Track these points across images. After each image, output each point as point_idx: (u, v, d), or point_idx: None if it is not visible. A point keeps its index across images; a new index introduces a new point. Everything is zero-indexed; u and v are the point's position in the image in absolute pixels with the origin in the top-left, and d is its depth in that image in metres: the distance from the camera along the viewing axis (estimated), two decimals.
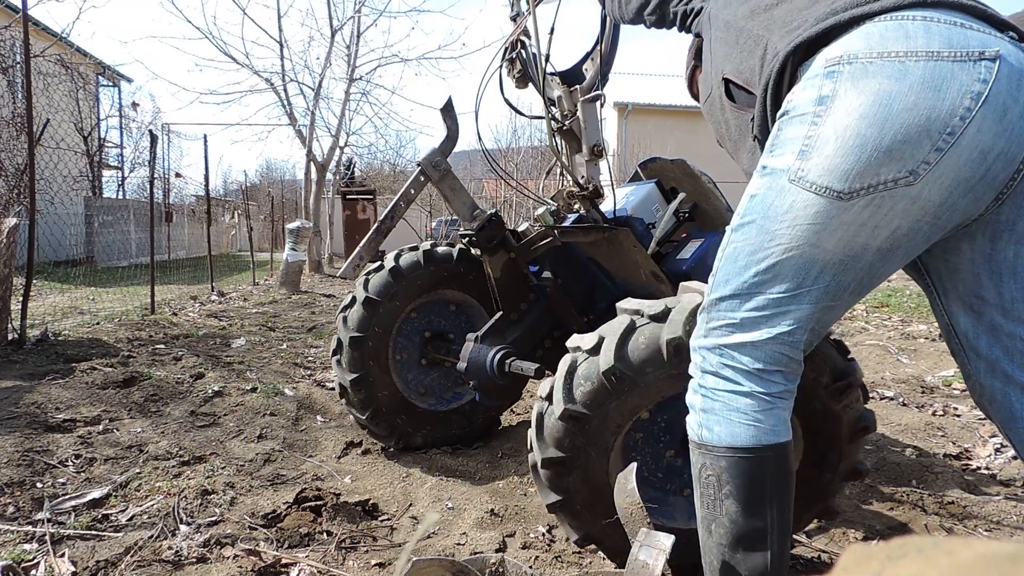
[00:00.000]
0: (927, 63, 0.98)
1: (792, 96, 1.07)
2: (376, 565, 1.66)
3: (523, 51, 2.41)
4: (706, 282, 1.63)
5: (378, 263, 2.44)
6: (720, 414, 1.14)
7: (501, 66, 2.41)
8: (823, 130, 1.02)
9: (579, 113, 2.25)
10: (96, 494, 2.01)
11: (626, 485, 1.24)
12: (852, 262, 1.05)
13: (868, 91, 1.00)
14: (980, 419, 2.87)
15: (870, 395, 3.26)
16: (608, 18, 2.21)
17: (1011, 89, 0.97)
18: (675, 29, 1.50)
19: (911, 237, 1.03)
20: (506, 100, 2.44)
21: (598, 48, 2.29)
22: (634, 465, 1.30)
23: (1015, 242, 1.04)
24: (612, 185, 2.32)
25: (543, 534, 1.82)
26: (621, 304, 1.54)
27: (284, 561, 1.66)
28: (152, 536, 1.76)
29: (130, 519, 1.88)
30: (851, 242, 1.04)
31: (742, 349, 1.12)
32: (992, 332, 1.11)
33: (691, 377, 1.19)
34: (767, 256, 1.08)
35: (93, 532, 1.79)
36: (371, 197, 15.14)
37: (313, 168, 12.95)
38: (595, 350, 1.46)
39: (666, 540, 1.05)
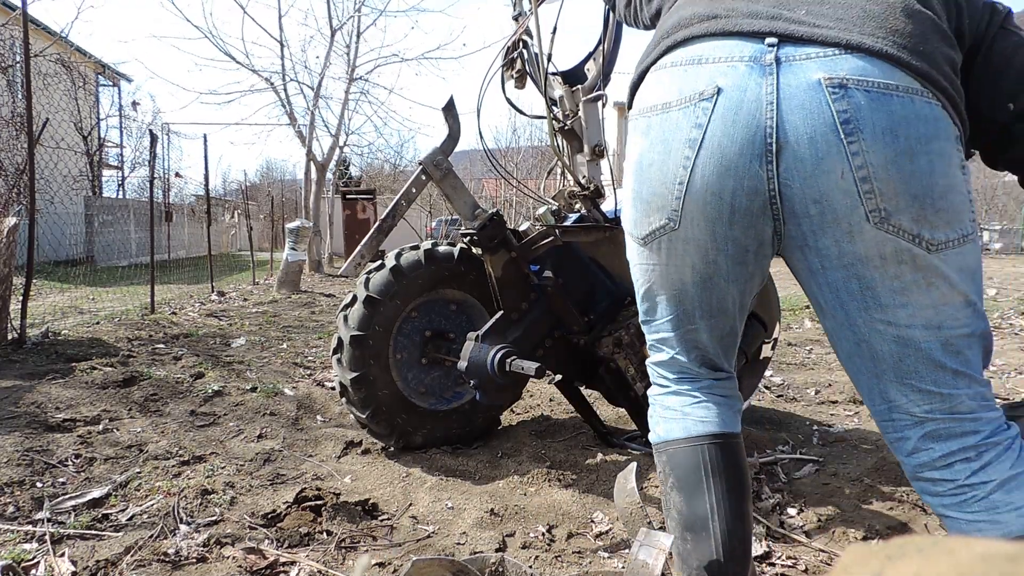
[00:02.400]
0: (661, 116, 1.03)
1: None
2: (376, 565, 1.67)
3: (525, 51, 2.41)
4: None
5: (379, 262, 2.44)
6: (658, 415, 1.25)
7: (503, 65, 2.41)
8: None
9: (581, 113, 2.25)
10: (96, 494, 2.01)
11: (626, 485, 1.24)
12: (680, 294, 1.14)
13: (633, 148, 1.09)
14: None
15: None
16: (611, 18, 2.21)
17: (726, 128, 0.96)
18: None
19: (714, 267, 1.08)
20: (508, 100, 2.44)
21: (600, 48, 2.29)
22: (634, 465, 1.31)
23: (814, 255, 1.00)
24: (613, 185, 2.32)
25: (543, 534, 1.82)
26: None
27: (284, 561, 1.66)
28: (152, 536, 1.76)
29: (130, 519, 1.88)
30: (668, 278, 1.13)
31: (660, 366, 1.26)
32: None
33: None
34: (638, 292, 1.22)
35: (93, 532, 1.79)
36: (371, 197, 15.14)
37: (313, 168, 12.95)
38: None
39: (666, 540, 1.05)
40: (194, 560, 1.65)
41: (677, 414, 1.22)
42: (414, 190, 2.31)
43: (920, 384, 0.98)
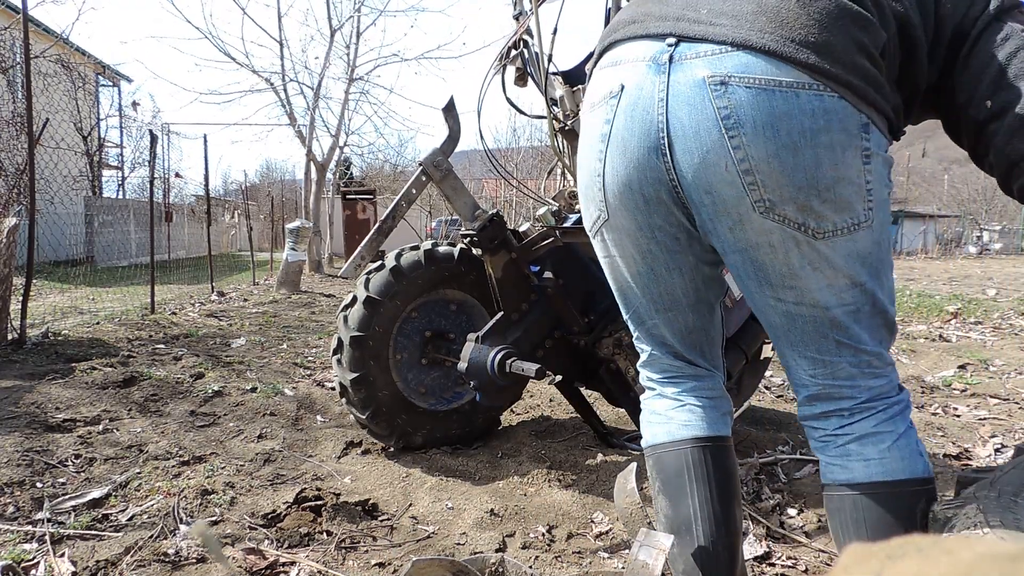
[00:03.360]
0: (588, 115, 1.12)
1: None
2: (376, 565, 1.67)
3: (525, 50, 2.41)
4: None
5: (379, 262, 2.44)
6: (646, 419, 1.28)
7: (504, 65, 2.41)
8: None
9: (581, 113, 2.25)
10: (96, 494, 2.01)
11: (626, 485, 1.24)
12: (632, 287, 1.20)
13: (577, 146, 1.17)
14: (980, 419, 2.87)
15: None
16: (612, 18, 2.21)
17: (626, 122, 1.03)
18: None
19: (651, 256, 1.14)
20: (508, 100, 2.44)
21: None
22: (634, 465, 1.31)
23: (716, 239, 1.06)
24: None
25: (543, 534, 1.82)
26: None
27: (284, 561, 1.66)
28: (152, 536, 1.76)
29: (130, 519, 1.88)
30: (619, 271, 1.20)
31: (644, 367, 1.30)
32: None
33: None
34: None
35: (93, 532, 1.79)
36: (371, 197, 15.13)
37: (313, 168, 12.95)
38: None
39: (666, 540, 1.05)
40: (194, 560, 1.65)
41: (662, 418, 1.24)
42: (414, 191, 2.31)
43: (805, 352, 1.07)
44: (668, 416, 1.23)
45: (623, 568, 1.61)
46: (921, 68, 1.06)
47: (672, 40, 0.99)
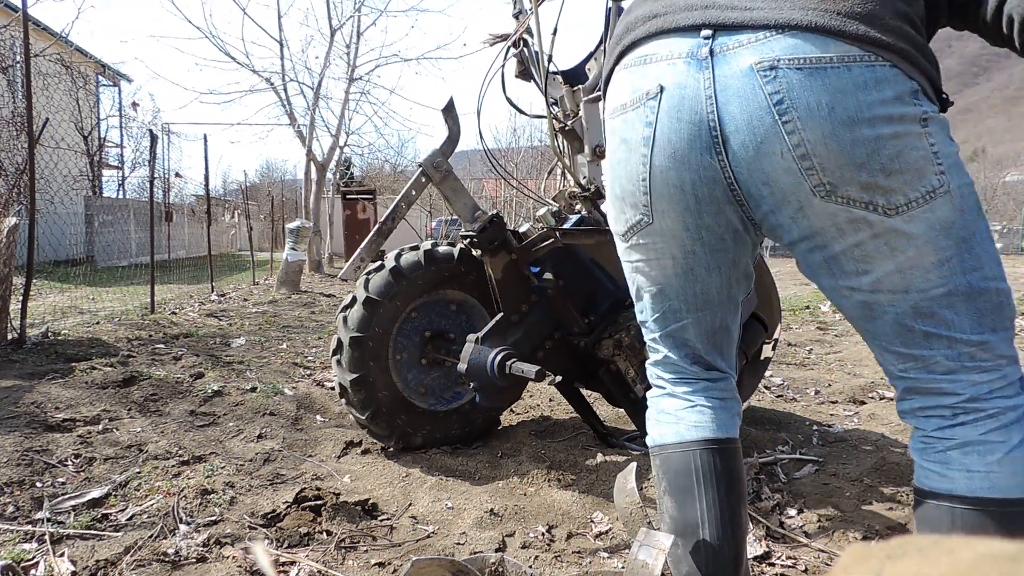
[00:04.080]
0: (621, 117, 1.08)
1: None
2: (376, 565, 1.67)
3: (525, 48, 2.41)
4: None
5: (379, 263, 2.44)
6: (654, 417, 1.26)
7: (504, 65, 2.41)
8: None
9: (581, 113, 2.25)
10: (96, 494, 2.01)
11: (626, 485, 1.24)
12: (665, 288, 1.16)
13: (608, 150, 1.13)
14: None
15: (870, 395, 3.26)
16: (613, 17, 2.21)
17: (672, 124, 1.00)
18: None
19: (693, 257, 1.10)
20: (508, 100, 2.44)
21: (602, 48, 2.28)
22: (633, 465, 1.31)
23: (781, 232, 1.02)
24: None
25: (543, 534, 1.82)
26: None
27: (284, 561, 1.66)
28: (152, 536, 1.76)
29: (130, 519, 1.88)
30: (652, 274, 1.16)
31: (656, 366, 1.28)
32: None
33: None
34: (632, 292, 1.25)
35: (93, 532, 1.79)
36: (371, 197, 15.13)
37: (313, 168, 12.95)
38: None
39: (665, 540, 1.05)
40: (194, 560, 1.65)
41: (671, 418, 1.22)
42: (414, 192, 2.31)
43: (890, 346, 0.99)
44: (678, 416, 1.21)
45: (623, 568, 1.61)
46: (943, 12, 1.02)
47: (708, 32, 0.96)
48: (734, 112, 0.94)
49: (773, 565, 1.66)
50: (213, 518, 1.90)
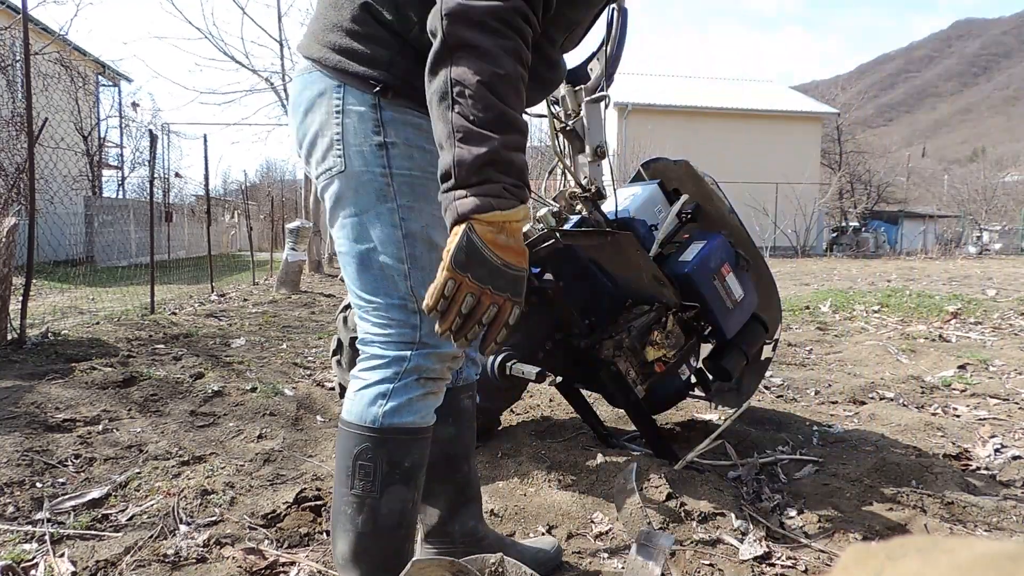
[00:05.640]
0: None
1: None
2: None
3: None
4: (707, 282, 1.60)
5: None
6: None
7: None
8: None
9: (583, 113, 2.25)
10: (96, 494, 2.01)
11: (626, 485, 1.24)
12: None
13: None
14: (980, 419, 2.87)
15: (870, 395, 3.26)
16: (615, 18, 2.20)
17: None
18: None
19: None
20: None
21: (604, 48, 2.28)
22: (634, 466, 1.31)
23: None
24: (614, 186, 2.32)
25: (543, 534, 1.82)
26: None
27: (284, 561, 1.66)
28: (152, 536, 1.76)
29: (130, 519, 1.88)
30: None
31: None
32: None
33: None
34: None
35: (93, 532, 1.79)
36: None
37: None
38: None
39: (666, 540, 1.05)
40: (194, 560, 1.65)
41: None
42: None
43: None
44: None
45: (623, 568, 1.61)
46: None
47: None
48: None
49: (773, 565, 1.66)
50: (213, 518, 1.90)
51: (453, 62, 0.96)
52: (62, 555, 1.64)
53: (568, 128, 2.34)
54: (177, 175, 13.95)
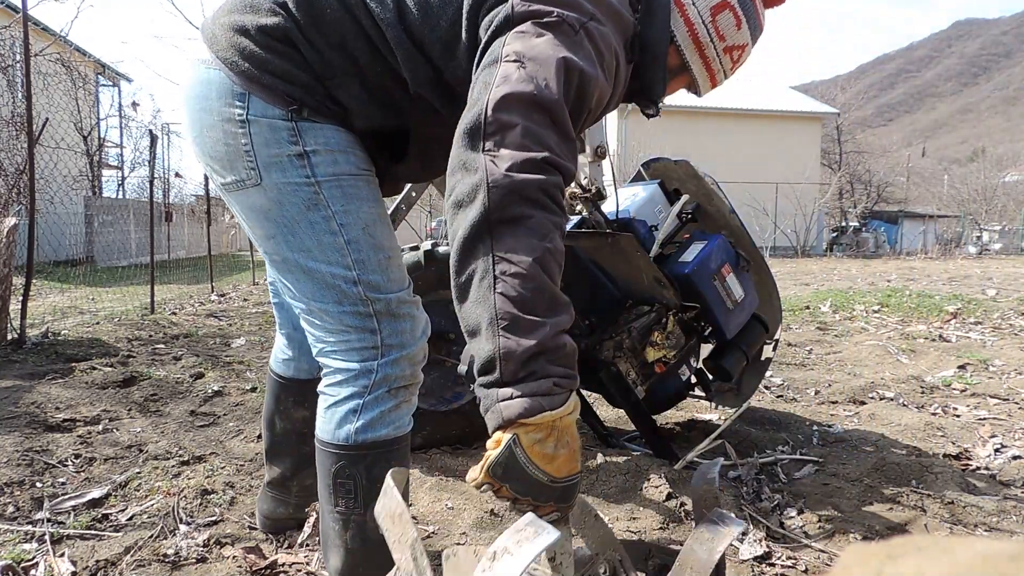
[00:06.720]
0: None
1: None
2: None
3: None
4: (707, 282, 1.60)
5: None
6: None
7: None
8: None
9: None
10: (96, 494, 2.01)
11: (707, 474, 1.20)
12: None
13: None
14: (980, 419, 2.87)
15: (870, 395, 3.26)
16: None
17: None
18: None
19: None
20: None
21: None
22: (720, 460, 1.29)
23: None
24: (615, 186, 2.32)
25: None
26: None
27: (284, 561, 1.66)
28: (152, 536, 1.76)
29: (130, 519, 1.88)
30: None
31: None
32: None
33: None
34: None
35: (93, 532, 1.79)
36: None
37: None
38: None
39: (737, 524, 1.02)
40: (194, 560, 1.65)
41: None
42: (414, 194, 2.31)
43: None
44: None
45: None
46: None
47: None
48: None
49: (773, 565, 1.66)
50: (213, 518, 1.90)
51: (495, 236, 0.85)
52: (62, 555, 1.64)
53: None
54: (177, 175, 13.98)
